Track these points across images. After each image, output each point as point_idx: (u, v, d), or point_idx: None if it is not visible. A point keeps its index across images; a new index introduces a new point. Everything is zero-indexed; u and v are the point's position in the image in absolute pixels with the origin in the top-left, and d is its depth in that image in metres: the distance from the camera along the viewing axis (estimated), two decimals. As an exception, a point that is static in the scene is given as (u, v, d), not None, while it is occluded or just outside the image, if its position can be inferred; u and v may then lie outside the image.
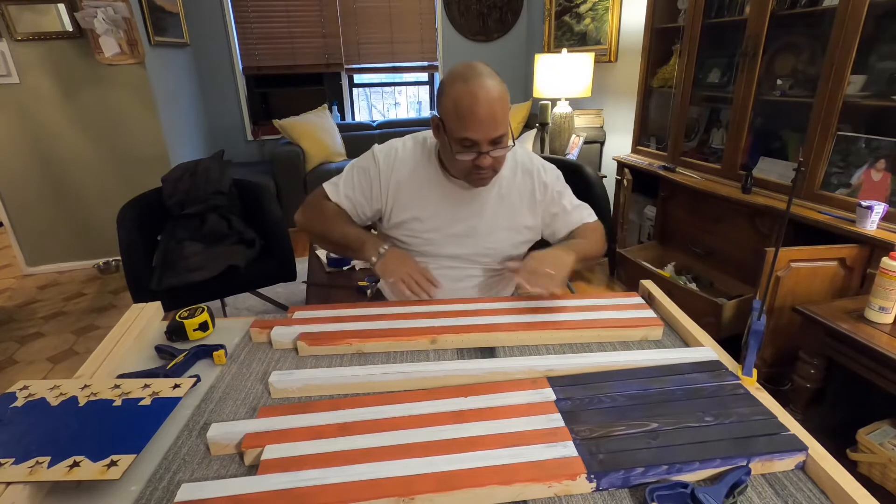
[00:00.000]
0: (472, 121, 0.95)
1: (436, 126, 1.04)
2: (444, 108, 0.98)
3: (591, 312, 0.98)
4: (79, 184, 3.08)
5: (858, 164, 1.71)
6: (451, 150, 1.01)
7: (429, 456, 0.62)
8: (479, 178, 1.04)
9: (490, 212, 1.14)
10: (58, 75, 2.85)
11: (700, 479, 0.62)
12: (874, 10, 1.56)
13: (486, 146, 0.97)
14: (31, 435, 0.65)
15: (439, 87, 1.00)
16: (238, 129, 4.22)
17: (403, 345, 0.90)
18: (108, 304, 2.75)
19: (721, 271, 2.20)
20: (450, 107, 0.96)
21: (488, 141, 0.97)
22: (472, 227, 1.14)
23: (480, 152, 0.98)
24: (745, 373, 0.78)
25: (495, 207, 1.14)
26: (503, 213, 1.14)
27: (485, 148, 0.98)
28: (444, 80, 1.00)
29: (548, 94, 2.97)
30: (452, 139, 0.99)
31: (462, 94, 0.94)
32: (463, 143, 0.98)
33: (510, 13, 4.32)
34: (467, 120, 0.95)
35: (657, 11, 2.50)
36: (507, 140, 1.01)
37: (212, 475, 0.63)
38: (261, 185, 2.22)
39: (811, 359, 1.45)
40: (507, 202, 1.14)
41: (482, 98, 0.93)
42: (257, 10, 3.95)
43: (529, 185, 1.16)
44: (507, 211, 1.15)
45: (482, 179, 1.05)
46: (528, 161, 1.18)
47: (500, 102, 0.96)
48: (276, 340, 0.91)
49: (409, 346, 0.90)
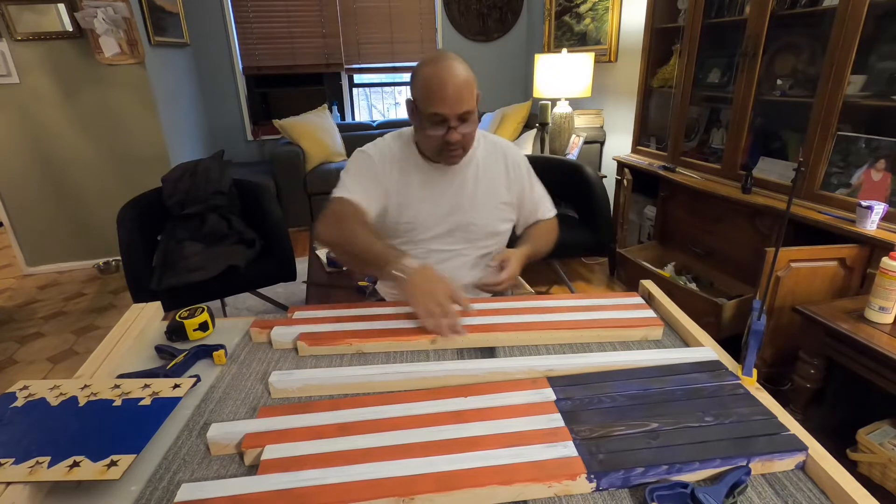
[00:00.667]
0: (440, 96, 1.03)
1: (410, 108, 1.13)
2: (416, 88, 1.08)
3: (591, 312, 0.98)
4: (79, 184, 3.08)
5: (858, 164, 1.71)
6: (424, 127, 1.08)
7: (429, 456, 0.62)
8: (451, 153, 1.11)
9: (469, 189, 1.20)
10: (58, 75, 2.85)
11: (700, 479, 0.62)
12: (874, 10, 1.56)
13: (454, 121, 1.05)
14: (31, 435, 0.65)
15: (412, 72, 1.09)
16: (238, 129, 4.22)
17: (403, 345, 0.90)
18: (108, 304, 2.76)
19: (721, 271, 2.20)
20: (421, 86, 1.05)
21: (456, 116, 1.05)
22: (455, 205, 1.20)
23: (449, 127, 1.06)
24: (745, 373, 0.78)
25: (474, 185, 1.21)
26: (482, 190, 1.21)
27: (453, 123, 1.05)
28: (416, 66, 1.08)
29: (548, 94, 2.97)
30: (424, 116, 1.07)
31: (432, 74, 1.04)
32: (433, 118, 1.05)
33: (510, 13, 4.32)
34: (436, 95, 1.03)
35: (657, 11, 2.50)
36: (475, 117, 1.09)
37: (212, 475, 0.63)
38: (261, 185, 2.22)
39: (811, 359, 1.45)
40: (485, 180, 1.22)
41: (449, 77, 1.03)
42: (257, 10, 3.95)
43: (503, 163, 1.24)
44: (485, 187, 1.22)
45: (453, 156, 1.12)
46: (499, 143, 1.28)
47: (466, 82, 1.04)
48: (276, 340, 0.91)
49: (409, 347, 0.90)
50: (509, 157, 1.25)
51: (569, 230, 2.50)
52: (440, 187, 1.19)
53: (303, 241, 3.42)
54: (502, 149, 1.26)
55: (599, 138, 3.25)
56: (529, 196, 1.29)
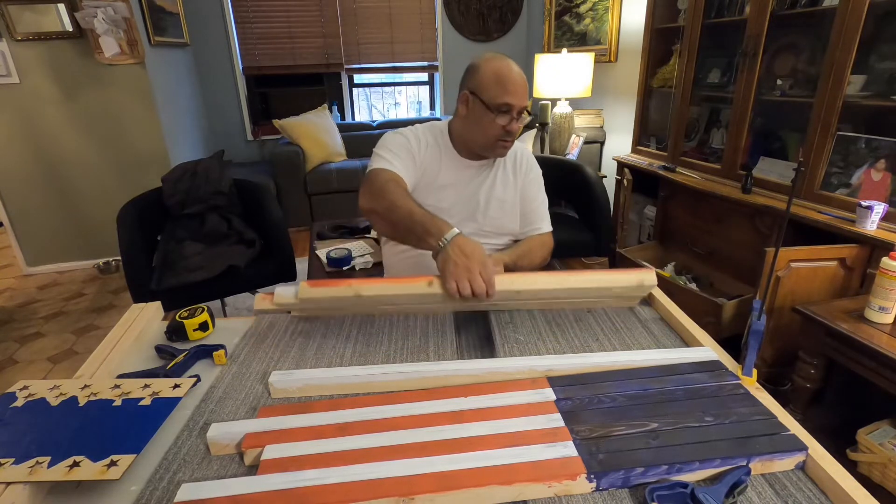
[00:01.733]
0: (512, 87, 1.10)
1: (466, 101, 1.16)
2: (481, 79, 1.12)
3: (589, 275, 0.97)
4: (79, 184, 3.08)
5: (858, 164, 1.71)
6: (483, 119, 1.13)
7: (429, 456, 0.62)
8: (504, 145, 1.17)
9: (496, 185, 1.27)
10: (58, 75, 2.85)
11: (700, 479, 0.62)
12: (874, 10, 1.56)
13: (517, 113, 1.12)
14: (31, 435, 0.65)
15: (470, 69, 1.16)
16: (238, 129, 4.22)
17: (401, 287, 0.93)
18: (108, 304, 2.76)
19: (721, 271, 2.20)
20: (490, 77, 1.11)
21: (521, 107, 1.12)
22: (477, 201, 1.25)
23: (512, 118, 1.12)
24: (745, 373, 0.78)
25: (498, 182, 1.27)
26: (502, 187, 1.28)
27: (516, 114, 1.13)
28: (474, 63, 1.15)
29: (548, 94, 2.97)
30: (492, 105, 1.11)
31: (501, 66, 1.11)
32: (501, 108, 1.11)
33: (510, 13, 4.32)
34: (508, 86, 1.10)
35: (657, 11, 2.50)
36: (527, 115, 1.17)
37: (212, 475, 0.63)
38: (261, 185, 2.22)
39: (811, 359, 1.45)
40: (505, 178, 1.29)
41: (517, 73, 1.12)
42: (257, 10, 3.96)
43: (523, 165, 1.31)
44: (505, 185, 1.28)
45: (505, 147, 1.18)
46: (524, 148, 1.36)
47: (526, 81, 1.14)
48: (280, 296, 0.93)
49: (408, 290, 0.93)
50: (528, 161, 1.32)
51: (569, 230, 2.51)
52: (466, 180, 1.25)
53: (303, 241, 3.42)
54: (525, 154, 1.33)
55: (599, 138, 3.25)
56: (532, 200, 1.31)
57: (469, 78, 1.16)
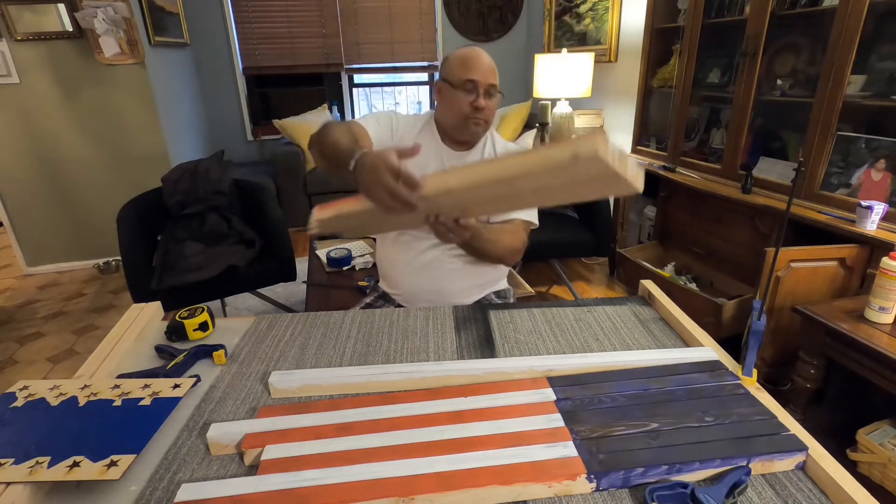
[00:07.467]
0: (475, 65, 1.17)
1: (439, 89, 1.22)
2: (449, 66, 1.20)
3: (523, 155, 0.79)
4: (79, 184, 3.08)
5: (858, 164, 1.71)
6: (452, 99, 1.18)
7: (429, 456, 0.62)
8: (475, 122, 1.20)
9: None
10: (58, 75, 2.85)
11: (700, 479, 0.62)
12: (874, 10, 1.56)
13: (483, 89, 1.17)
14: (31, 435, 0.65)
15: (444, 59, 1.24)
16: (238, 129, 4.22)
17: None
18: (108, 304, 2.76)
19: (721, 271, 2.20)
20: (455, 60, 1.19)
21: (487, 85, 1.17)
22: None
23: (479, 93, 1.17)
24: (745, 373, 0.78)
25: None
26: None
27: (482, 90, 1.17)
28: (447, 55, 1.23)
29: (548, 94, 2.97)
30: (457, 83, 1.17)
31: (466, 51, 1.20)
32: (466, 85, 1.16)
33: (510, 13, 4.32)
34: (471, 63, 1.17)
35: (657, 11, 2.50)
36: (497, 99, 1.22)
37: (212, 475, 0.63)
38: (261, 185, 2.22)
39: (811, 359, 1.45)
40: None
41: (482, 54, 1.20)
42: (257, 10, 3.95)
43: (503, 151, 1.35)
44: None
45: (477, 125, 1.20)
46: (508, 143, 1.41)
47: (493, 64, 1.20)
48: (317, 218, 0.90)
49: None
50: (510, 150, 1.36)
51: (569, 230, 2.51)
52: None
53: (303, 241, 3.42)
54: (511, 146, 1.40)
55: (599, 138, 3.25)
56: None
57: (443, 67, 1.24)
